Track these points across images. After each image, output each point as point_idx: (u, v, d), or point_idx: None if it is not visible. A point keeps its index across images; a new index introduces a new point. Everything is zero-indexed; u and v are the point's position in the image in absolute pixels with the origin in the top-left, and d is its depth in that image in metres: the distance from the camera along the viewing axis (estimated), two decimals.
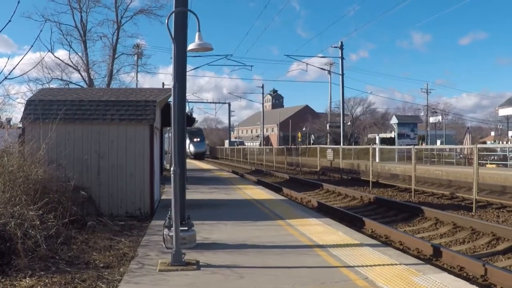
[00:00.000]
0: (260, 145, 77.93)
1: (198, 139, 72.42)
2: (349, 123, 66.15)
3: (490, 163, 28.35)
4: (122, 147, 12.07)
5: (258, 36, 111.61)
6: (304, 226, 10.55)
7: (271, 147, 64.42)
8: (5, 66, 9.31)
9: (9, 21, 7.01)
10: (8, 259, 7.14)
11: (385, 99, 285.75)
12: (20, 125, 12.72)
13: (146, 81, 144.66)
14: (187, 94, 10.62)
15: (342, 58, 43.87)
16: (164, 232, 8.30)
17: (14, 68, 7.81)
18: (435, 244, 10.36)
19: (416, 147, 24.39)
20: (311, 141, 69.43)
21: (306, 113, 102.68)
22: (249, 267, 7.17)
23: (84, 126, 12.11)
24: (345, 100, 45.66)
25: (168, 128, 27.16)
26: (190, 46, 8.37)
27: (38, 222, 7.63)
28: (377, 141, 50.33)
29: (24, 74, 20.57)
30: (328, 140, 52.23)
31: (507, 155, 31.26)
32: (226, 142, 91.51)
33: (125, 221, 11.21)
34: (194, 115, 65.52)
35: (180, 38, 8.85)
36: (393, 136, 50.64)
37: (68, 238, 8.60)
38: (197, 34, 8.20)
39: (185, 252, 7.44)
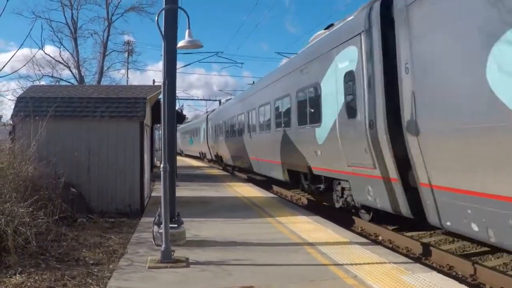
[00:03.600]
0: None
1: None
2: None
3: None
4: (112, 144, 12.07)
5: (249, 33, 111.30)
6: (294, 223, 10.60)
7: None
8: None
9: None
10: None
11: None
12: (11, 122, 12.68)
13: (136, 78, 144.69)
14: (177, 91, 10.61)
15: None
16: (154, 229, 8.32)
17: (3, 67, 7.79)
18: (424, 242, 10.43)
19: None
20: None
21: None
22: (238, 265, 7.21)
23: (74, 123, 12.10)
24: None
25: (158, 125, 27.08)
26: (180, 44, 8.35)
27: (28, 219, 7.63)
28: None
29: (14, 72, 20.54)
30: None
31: None
32: None
33: (115, 218, 11.22)
34: (184, 112, 61.58)
35: (170, 35, 8.84)
36: None
37: (58, 235, 8.61)
38: (187, 31, 8.18)
39: (175, 249, 7.47)
